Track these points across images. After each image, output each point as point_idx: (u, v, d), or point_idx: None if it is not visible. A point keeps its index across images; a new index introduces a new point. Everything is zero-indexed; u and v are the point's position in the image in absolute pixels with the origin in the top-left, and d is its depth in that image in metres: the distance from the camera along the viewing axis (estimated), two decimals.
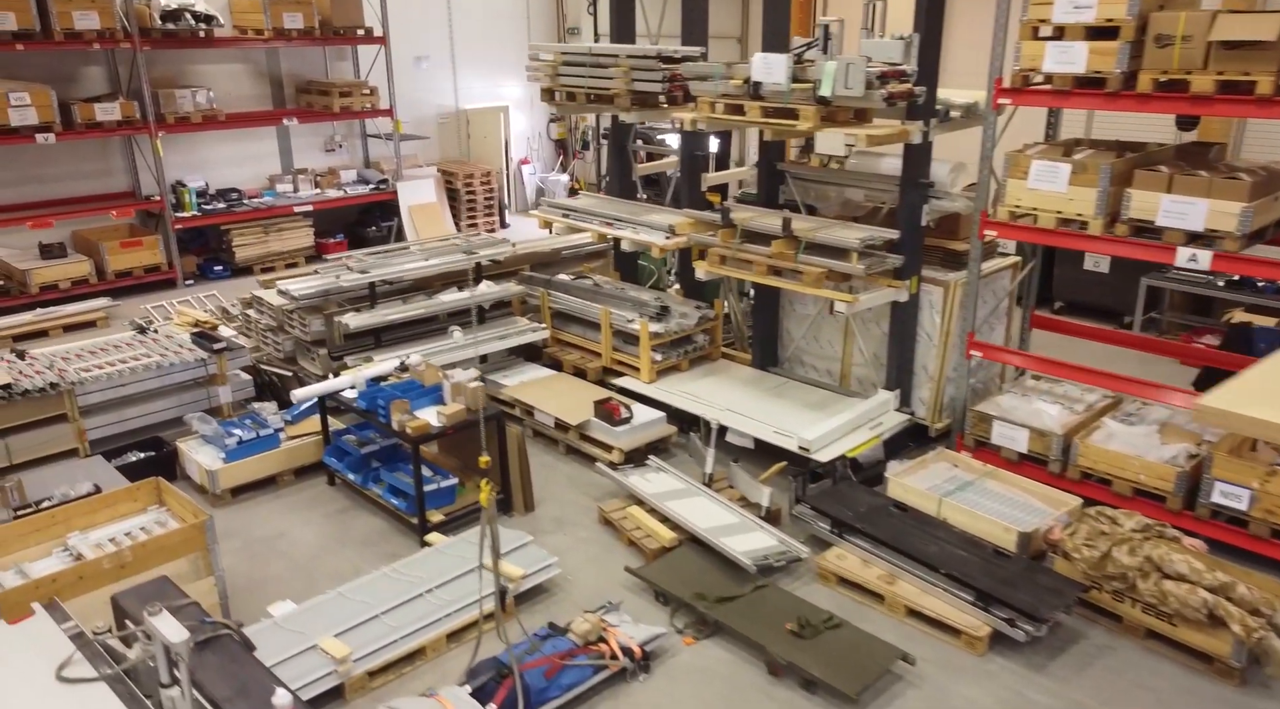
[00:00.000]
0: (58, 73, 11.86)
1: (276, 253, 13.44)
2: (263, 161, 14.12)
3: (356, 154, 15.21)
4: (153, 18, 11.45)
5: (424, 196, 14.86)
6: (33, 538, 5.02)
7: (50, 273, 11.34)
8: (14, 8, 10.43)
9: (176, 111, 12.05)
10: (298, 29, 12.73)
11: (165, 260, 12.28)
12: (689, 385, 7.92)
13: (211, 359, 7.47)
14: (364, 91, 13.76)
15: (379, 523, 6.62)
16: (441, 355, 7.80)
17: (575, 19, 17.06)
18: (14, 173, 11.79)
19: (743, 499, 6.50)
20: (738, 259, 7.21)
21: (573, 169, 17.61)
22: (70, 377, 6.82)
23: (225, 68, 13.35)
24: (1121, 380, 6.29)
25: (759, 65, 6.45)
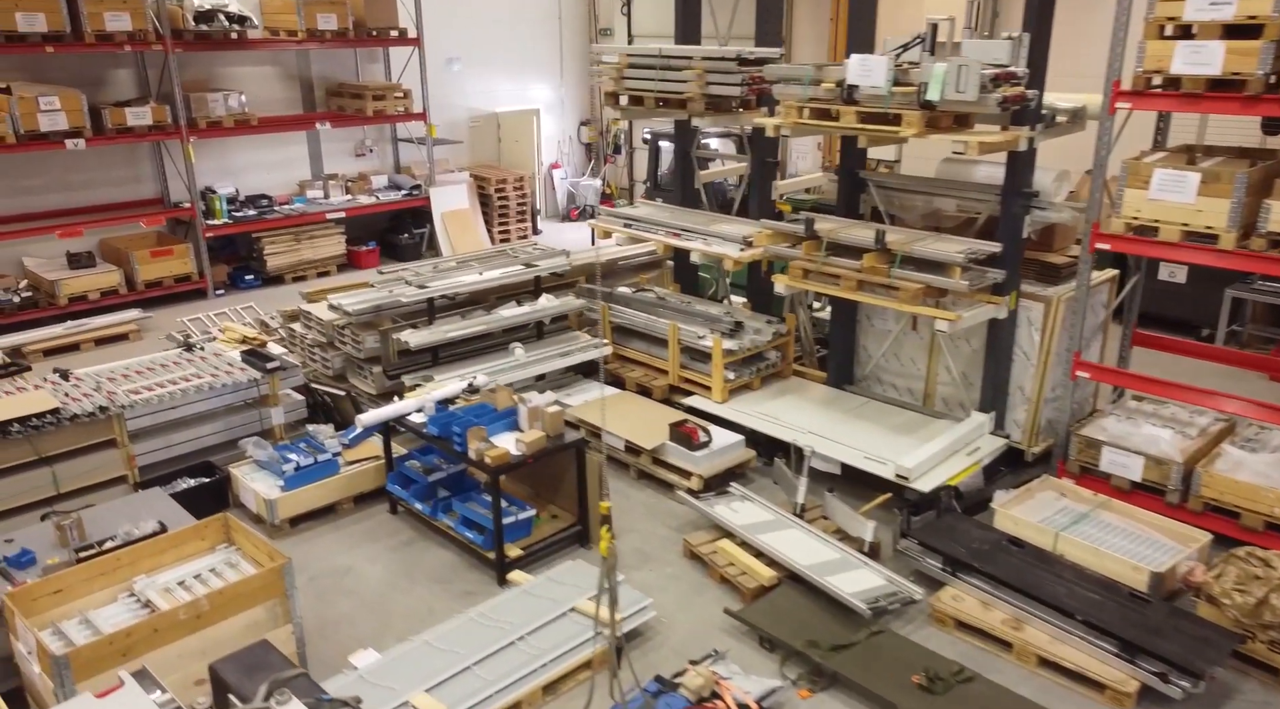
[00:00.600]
0: (85, 76, 11.48)
1: (308, 261, 13.04)
2: (293, 167, 13.73)
3: (386, 159, 14.81)
4: (186, 19, 11.07)
5: (456, 203, 14.46)
6: (97, 582, 4.62)
7: (79, 283, 10.95)
8: (44, 8, 10.05)
9: (208, 116, 11.66)
10: (331, 30, 12.34)
11: (196, 270, 11.90)
12: (764, 406, 7.51)
13: (264, 379, 7.07)
14: (397, 94, 13.36)
15: (449, 556, 6.21)
16: (504, 374, 7.39)
17: (608, 19, 16.67)
18: (41, 180, 11.41)
19: (839, 532, 6.09)
20: (823, 273, 6.81)
21: (604, 174, 17.21)
22: (119, 399, 6.42)
23: (255, 70, 12.96)
24: (1250, 404, 5.87)
25: (856, 67, 6.04)
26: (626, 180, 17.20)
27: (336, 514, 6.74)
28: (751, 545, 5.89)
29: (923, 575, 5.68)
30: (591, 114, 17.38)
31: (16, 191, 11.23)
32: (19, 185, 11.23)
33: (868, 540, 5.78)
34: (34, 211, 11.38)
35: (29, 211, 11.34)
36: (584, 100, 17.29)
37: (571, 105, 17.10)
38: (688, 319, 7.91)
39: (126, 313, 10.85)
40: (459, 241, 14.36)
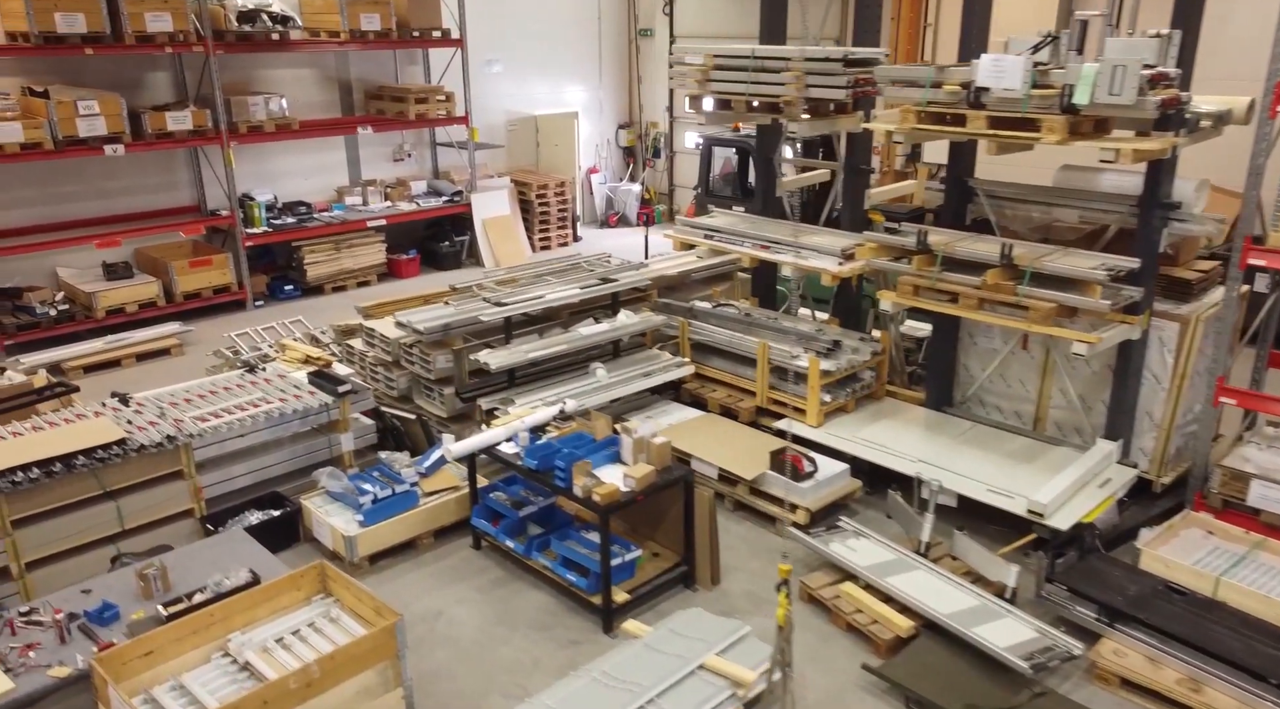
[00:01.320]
0: (122, 79, 11.04)
1: (348, 271, 12.59)
2: (330, 172, 13.28)
3: (425, 164, 14.36)
4: (228, 19, 10.62)
5: (497, 209, 14.00)
6: (189, 642, 4.16)
7: (117, 295, 10.50)
8: (83, 8, 9.60)
9: (248, 120, 11.21)
10: (374, 30, 11.89)
11: (235, 280, 11.45)
12: (863, 430, 7.04)
13: (335, 403, 6.60)
14: (439, 97, 12.91)
15: (545, 599, 5.75)
16: (586, 397, 6.93)
17: (648, 20, 16.21)
18: (76, 186, 10.96)
19: (969, 574, 5.62)
20: (937, 290, 6.34)
21: (644, 179, 16.74)
22: (187, 428, 5.96)
23: (293, 73, 12.52)
24: None
25: (988, 68, 5.57)
26: (666, 185, 16.73)
27: (417, 550, 6.27)
28: (879, 589, 5.43)
29: (1064, 621, 5.22)
30: (630, 117, 16.93)
31: (51, 199, 10.79)
32: (53, 192, 10.79)
33: (1010, 586, 5.31)
34: (69, 220, 10.93)
35: (64, 220, 10.90)
36: (622, 103, 16.84)
37: (610, 108, 16.65)
38: (777, 336, 7.44)
39: (166, 326, 10.40)
40: (500, 250, 13.91)
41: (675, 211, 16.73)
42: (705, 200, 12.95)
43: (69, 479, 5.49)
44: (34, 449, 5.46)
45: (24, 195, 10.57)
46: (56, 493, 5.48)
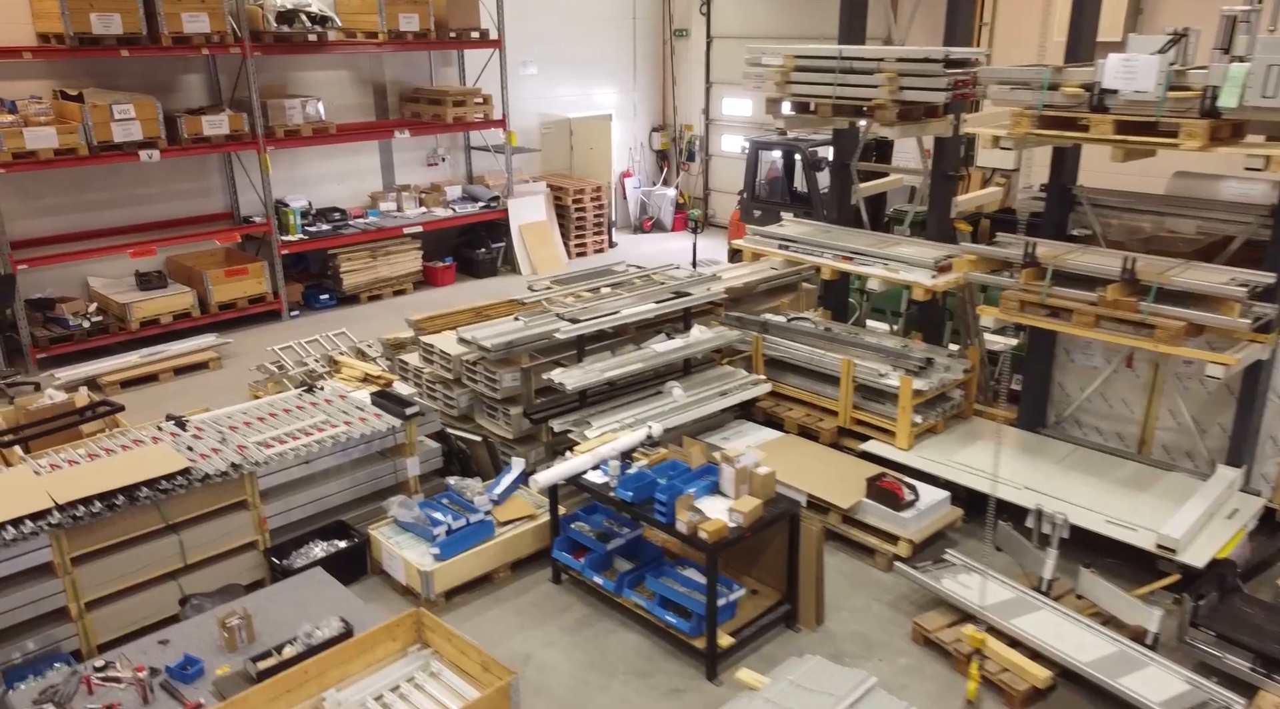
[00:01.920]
0: (154, 81, 10.67)
1: (384, 279, 12.21)
2: (364, 177, 12.90)
3: (458, 168, 13.98)
4: (266, 19, 10.25)
5: (534, 215, 13.62)
6: (283, 702, 3.78)
7: (151, 306, 10.12)
8: (119, 9, 9.23)
9: (285, 124, 10.83)
10: (413, 31, 11.52)
11: (270, 290, 11.08)
12: (957, 453, 6.64)
13: (401, 427, 6.22)
14: (477, 100, 12.53)
15: (637, 640, 5.35)
16: (664, 418, 6.53)
17: (684, 19, 15.82)
18: (108, 193, 10.60)
19: (1097, 614, 5.22)
20: (1048, 306, 5.94)
21: (679, 183, 16.35)
22: (252, 455, 5.58)
23: (327, 75, 12.14)
24: None
25: (1117, 68, 5.18)
26: (701, 190, 16.35)
27: (493, 584, 5.88)
28: (1004, 632, 5.03)
29: (1220, 673, 4.81)
30: (664, 119, 16.54)
31: (82, 206, 10.42)
32: (84, 200, 10.42)
33: (1153, 631, 4.91)
34: (100, 228, 10.56)
35: (94, 228, 10.52)
36: (656, 105, 16.45)
37: (643, 110, 16.26)
38: (861, 353, 7.05)
39: (203, 338, 10.02)
40: (537, 256, 13.53)
41: (710, 216, 16.36)
42: (750, 205, 12.58)
43: (131, 512, 5.10)
44: (94, 480, 5.07)
45: (53, 202, 10.20)
46: (118, 527, 5.10)
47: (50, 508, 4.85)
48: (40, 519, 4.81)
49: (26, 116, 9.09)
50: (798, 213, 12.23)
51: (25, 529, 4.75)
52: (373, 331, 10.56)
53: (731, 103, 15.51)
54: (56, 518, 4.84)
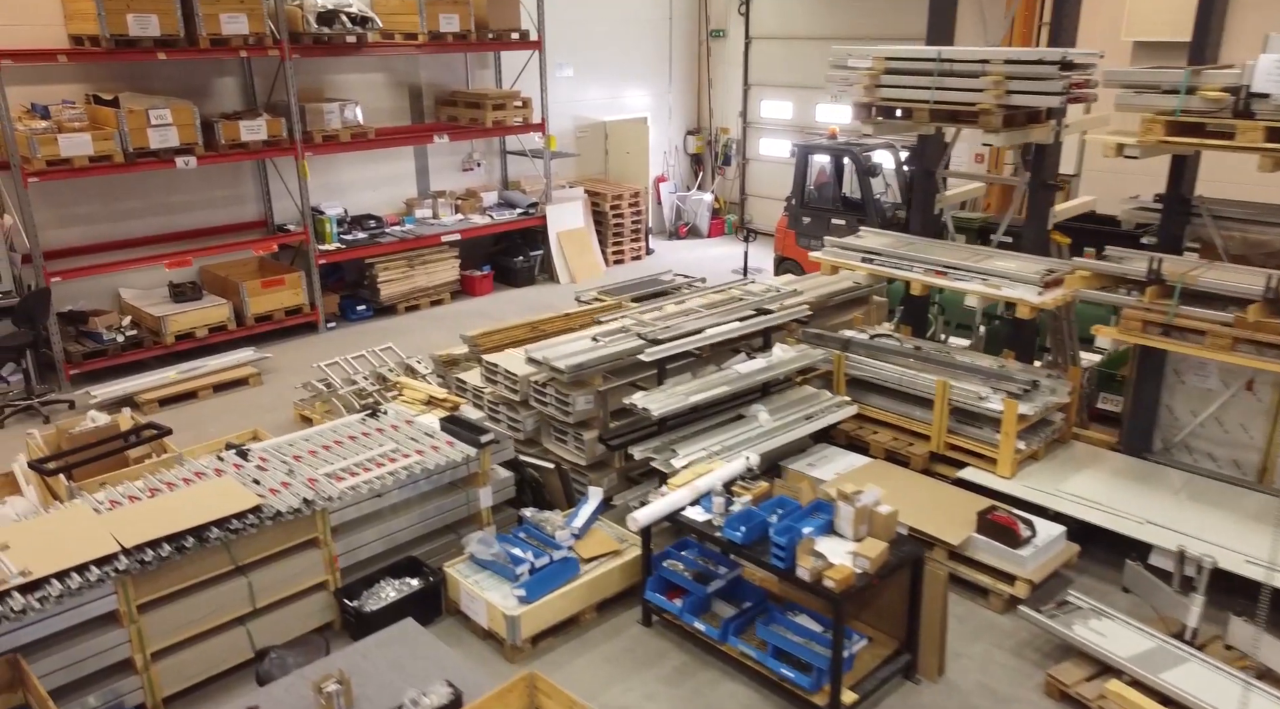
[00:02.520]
0: (188, 85, 10.28)
1: (421, 289, 11.81)
2: (399, 183, 12.50)
3: (494, 173, 13.59)
4: (306, 20, 9.85)
5: (572, 221, 13.22)
6: None
7: (187, 319, 9.72)
8: (157, 9, 8.84)
9: (323, 129, 10.44)
10: (453, 32, 11.13)
11: (307, 301, 10.69)
12: (1063, 482, 6.22)
13: (476, 456, 5.81)
14: (516, 103, 12.14)
15: (745, 694, 4.93)
16: (751, 445, 6.13)
17: (721, 20, 15.42)
18: (140, 201, 10.20)
19: (1248, 667, 4.81)
20: (1176, 327, 5.53)
21: (715, 188, 15.94)
22: (324, 489, 5.17)
23: (363, 78, 11.75)
24: None
25: (1270, 71, 4.78)
26: (738, 194, 15.93)
27: (579, 626, 5.47)
28: (1154, 689, 4.62)
29: None
30: (699, 122, 16.13)
31: (114, 215, 10.03)
32: (116, 208, 10.03)
33: None
34: (132, 237, 10.17)
35: (127, 237, 10.13)
36: (690, 107, 16.05)
37: (678, 113, 15.85)
38: (954, 373, 6.64)
39: (240, 353, 9.62)
40: (575, 264, 13.13)
41: (748, 221, 15.95)
42: (799, 212, 12.17)
43: (200, 554, 4.71)
44: (160, 520, 4.67)
45: (84, 211, 9.81)
46: (186, 571, 4.70)
47: (117, 552, 4.46)
48: (106, 564, 4.42)
49: (60, 122, 8.70)
50: (849, 220, 11.86)
51: (91, 576, 4.35)
52: (415, 345, 10.18)
53: (771, 105, 15.10)
54: (124, 563, 4.44)
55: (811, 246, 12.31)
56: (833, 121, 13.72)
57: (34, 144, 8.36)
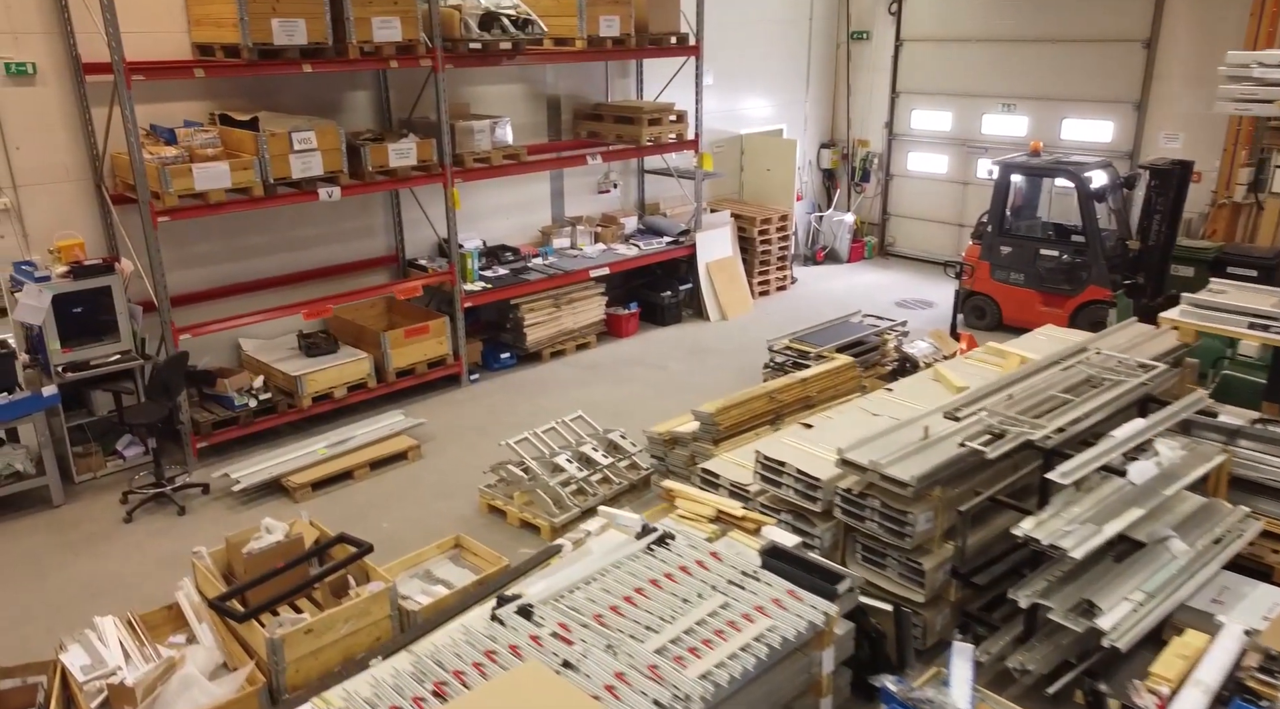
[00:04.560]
0: (320, 101, 8.78)
1: (567, 331, 10.31)
2: (533, 209, 11.01)
3: (629, 195, 12.10)
4: (466, 25, 8.36)
5: (721, 250, 11.70)
6: None
7: (324, 378, 8.22)
8: (304, 13, 7.38)
9: (474, 150, 8.95)
10: (612, 37, 9.64)
11: (451, 350, 9.21)
12: None
13: (832, 611, 4.31)
14: (671, 117, 10.64)
15: None
16: (1175, 584, 4.61)
17: (865, 20, 13.87)
18: (265, 237, 8.73)
19: None
20: None
21: (857, 207, 14.40)
22: (680, 683, 3.67)
23: (502, 90, 10.26)
24: None
25: None
26: (878, 214, 14.39)
27: None
28: None
29: None
30: (832, 133, 14.61)
31: (234, 253, 8.56)
32: (237, 245, 8.55)
33: None
34: (257, 279, 8.69)
35: (251, 280, 8.65)
36: (825, 117, 14.52)
37: (813, 123, 14.33)
38: None
39: (388, 418, 8.13)
40: (726, 298, 11.61)
41: (889, 245, 14.41)
42: (996, 241, 10.61)
43: None
44: None
45: (202, 250, 8.33)
46: None
47: None
48: None
49: (191, 148, 7.23)
50: (1064, 252, 10.30)
51: None
52: (577, 402, 8.72)
53: (924, 115, 13.54)
54: None
55: (1011, 279, 10.87)
56: (1025, 136, 12.24)
57: (165, 176, 6.90)
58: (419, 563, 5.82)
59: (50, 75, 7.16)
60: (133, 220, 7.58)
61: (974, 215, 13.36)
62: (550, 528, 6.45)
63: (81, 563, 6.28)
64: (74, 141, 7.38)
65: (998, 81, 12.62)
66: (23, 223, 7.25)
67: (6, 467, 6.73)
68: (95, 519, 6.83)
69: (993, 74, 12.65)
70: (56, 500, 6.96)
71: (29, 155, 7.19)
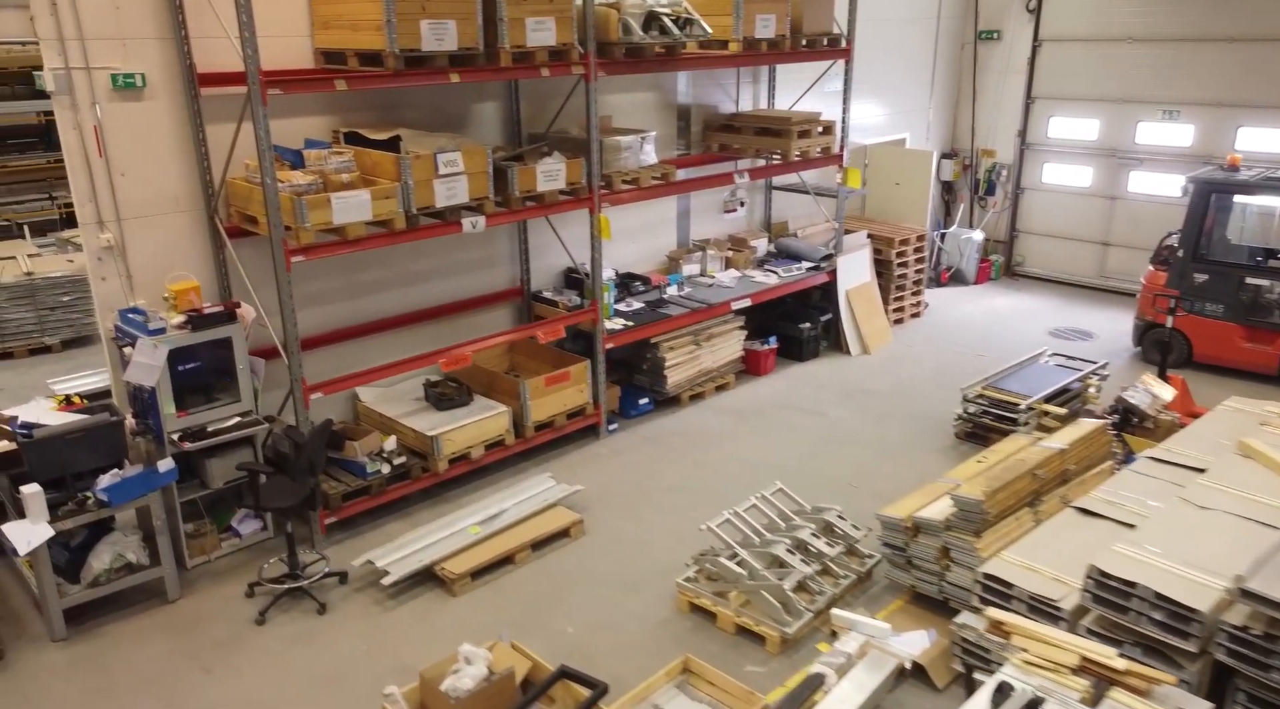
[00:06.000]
0: (444, 114, 7.64)
1: (706, 371, 9.15)
2: (657, 231, 9.84)
3: (755, 214, 10.94)
4: (626, 26, 7.21)
5: (859, 275, 10.52)
6: None
7: (462, 436, 7.11)
8: (455, 12, 6.26)
9: (622, 170, 7.82)
10: (767, 39, 8.49)
11: (591, 398, 8.07)
12: None
13: None
14: (818, 129, 9.48)
15: None
16: None
17: (996, 19, 12.66)
18: (384, 271, 7.59)
19: None
20: None
21: (986, 224, 13.20)
22: None
23: (633, 99, 9.08)
24: None
25: None
26: (1006, 232, 13.17)
27: None
28: None
29: None
30: (954, 143, 13.41)
31: (353, 290, 7.42)
32: (355, 282, 7.42)
33: None
34: (376, 320, 7.54)
35: (370, 320, 7.50)
36: (946, 126, 13.33)
37: (935, 132, 13.14)
38: None
39: (537, 483, 6.98)
40: (867, 329, 10.43)
41: (1017, 265, 13.21)
42: (1190, 268, 9.38)
43: None
44: None
45: (317, 288, 7.17)
46: None
47: None
48: None
49: (325, 174, 6.12)
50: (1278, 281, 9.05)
51: None
52: (733, 457, 7.75)
53: (1065, 123, 12.32)
54: None
55: (1207, 311, 9.63)
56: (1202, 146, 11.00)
57: (301, 208, 5.78)
58: (645, 697, 4.67)
59: (160, 89, 6.05)
60: (248, 257, 6.50)
61: (1122, 233, 12.18)
62: (780, 639, 5.30)
63: (218, 686, 5.13)
64: (186, 166, 6.27)
65: (1158, 86, 11.39)
66: (127, 262, 6.15)
67: (117, 558, 5.61)
68: (220, 619, 5.70)
69: (1152, 77, 11.42)
70: (172, 594, 5.84)
71: (135, 183, 6.08)
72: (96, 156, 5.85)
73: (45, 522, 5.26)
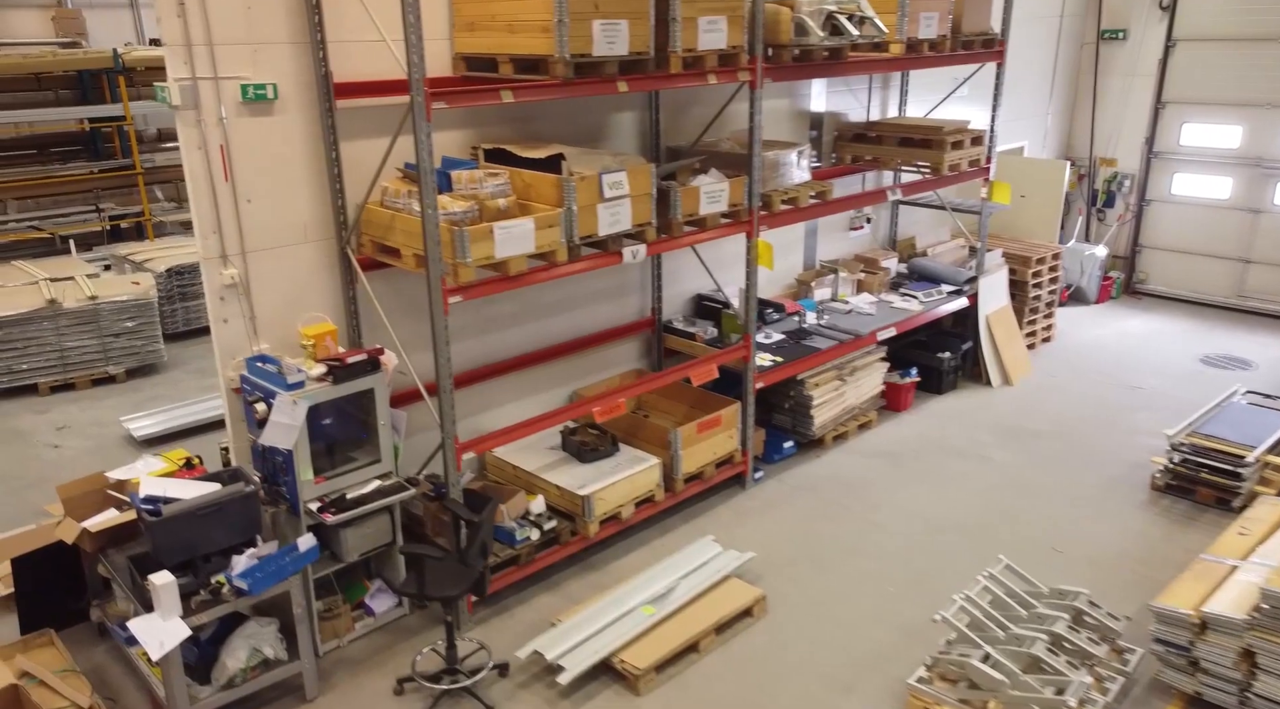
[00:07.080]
0: (580, 127, 6.78)
1: (849, 409, 8.27)
2: (784, 252, 8.91)
3: (879, 231, 10.05)
4: (801, 27, 6.34)
5: (997, 299, 9.61)
6: None
7: (614, 494, 6.25)
8: (628, 11, 5.41)
9: (781, 188, 6.95)
10: (929, 39, 7.61)
11: (739, 444, 7.20)
12: None
13: None
14: (969, 140, 8.60)
15: None
16: None
17: (1120, 17, 11.73)
18: (514, 305, 6.71)
19: None
20: None
21: (1109, 239, 12.28)
22: None
23: (765, 107, 8.25)
24: None
25: None
26: (1126, 247, 12.26)
27: None
28: None
29: None
30: (1070, 151, 12.50)
31: (482, 326, 6.55)
32: (484, 317, 6.54)
33: None
34: (506, 359, 6.69)
35: (500, 360, 6.65)
36: (1063, 133, 12.42)
37: (1053, 138, 12.23)
38: None
39: (705, 549, 6.10)
40: (1008, 358, 9.50)
41: (1139, 282, 12.28)
42: None
43: None
44: None
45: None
46: None
47: None
48: None
49: (480, 199, 5.26)
50: None
51: None
52: (902, 509, 6.85)
53: (1199, 130, 11.38)
54: None
55: None
56: None
57: (463, 240, 4.93)
58: None
59: (291, 101, 5.21)
60: (380, 292, 5.67)
61: (1266, 249, 11.23)
62: None
63: None
64: (317, 190, 5.41)
65: None
66: (251, 301, 5.31)
67: (254, 654, 4.76)
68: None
69: None
70: (310, 693, 4.98)
71: (262, 210, 5.24)
72: (223, 181, 5.02)
73: (178, 616, 4.42)
